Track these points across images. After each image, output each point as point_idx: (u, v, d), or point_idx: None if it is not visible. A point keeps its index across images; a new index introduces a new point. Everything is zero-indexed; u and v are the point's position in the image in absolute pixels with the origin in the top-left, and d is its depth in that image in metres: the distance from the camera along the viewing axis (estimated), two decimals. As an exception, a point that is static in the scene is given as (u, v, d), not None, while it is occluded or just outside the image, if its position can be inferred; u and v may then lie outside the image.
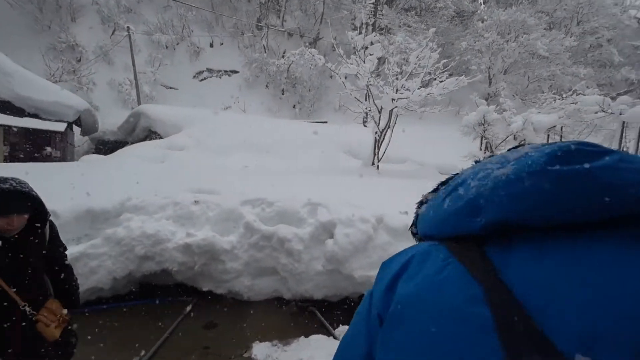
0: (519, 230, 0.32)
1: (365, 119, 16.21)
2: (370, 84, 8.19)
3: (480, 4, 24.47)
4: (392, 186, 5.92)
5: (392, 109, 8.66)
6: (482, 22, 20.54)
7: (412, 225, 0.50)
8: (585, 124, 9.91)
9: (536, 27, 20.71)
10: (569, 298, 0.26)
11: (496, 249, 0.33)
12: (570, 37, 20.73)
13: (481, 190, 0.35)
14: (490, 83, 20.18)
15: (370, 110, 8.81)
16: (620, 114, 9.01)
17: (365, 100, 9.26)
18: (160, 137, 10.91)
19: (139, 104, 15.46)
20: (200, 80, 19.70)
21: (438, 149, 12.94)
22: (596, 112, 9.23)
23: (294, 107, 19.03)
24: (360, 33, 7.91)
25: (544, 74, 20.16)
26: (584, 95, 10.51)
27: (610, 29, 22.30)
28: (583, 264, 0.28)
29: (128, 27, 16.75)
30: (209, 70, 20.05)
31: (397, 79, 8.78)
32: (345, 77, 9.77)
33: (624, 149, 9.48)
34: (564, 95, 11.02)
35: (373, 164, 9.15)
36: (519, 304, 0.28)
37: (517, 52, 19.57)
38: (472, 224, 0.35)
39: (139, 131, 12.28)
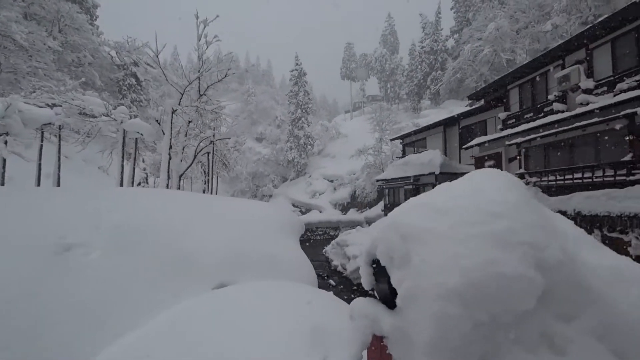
0: None
1: None
2: None
3: None
4: None
5: None
6: None
7: None
8: (91, 124, 8.96)
9: (10, 7, 16.74)
10: None
11: None
12: (54, 40, 19.10)
13: None
14: None
15: None
16: (122, 122, 9.23)
17: None
18: None
19: None
20: None
21: None
22: (101, 115, 8.67)
23: None
24: None
25: (23, 66, 16.58)
26: (84, 95, 9.57)
27: (92, 53, 23.78)
28: None
29: None
30: None
31: None
32: None
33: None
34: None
35: None
36: None
37: (-18, 23, 14.25)
38: None
39: None
